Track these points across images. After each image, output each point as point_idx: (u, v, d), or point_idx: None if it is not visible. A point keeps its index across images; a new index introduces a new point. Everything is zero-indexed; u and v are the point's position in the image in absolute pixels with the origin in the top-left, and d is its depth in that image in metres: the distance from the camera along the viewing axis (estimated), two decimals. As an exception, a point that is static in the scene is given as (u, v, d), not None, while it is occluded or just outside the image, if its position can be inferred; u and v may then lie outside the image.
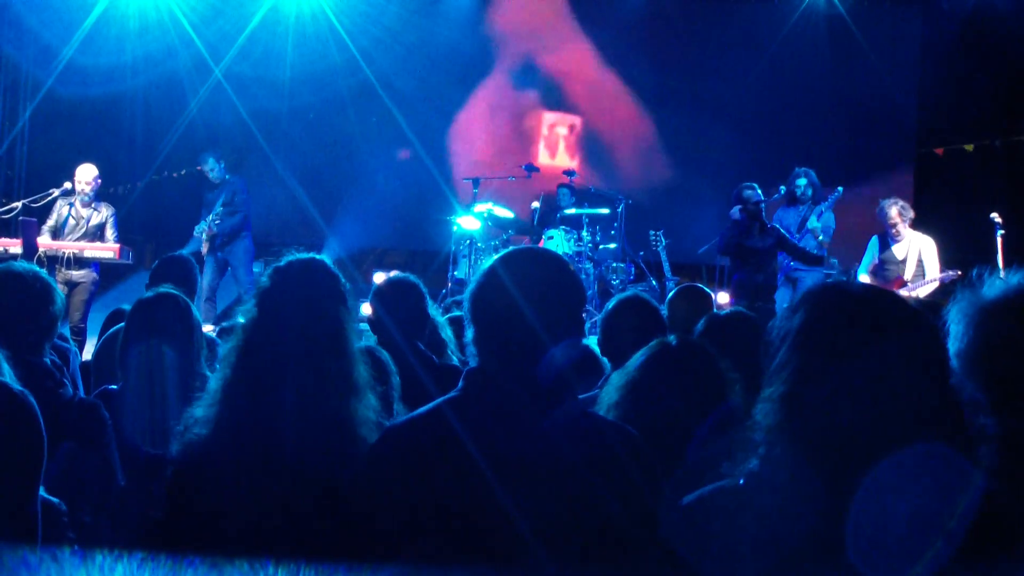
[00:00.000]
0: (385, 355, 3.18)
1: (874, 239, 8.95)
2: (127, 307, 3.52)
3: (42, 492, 2.04)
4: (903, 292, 8.35)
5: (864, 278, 8.83)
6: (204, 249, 9.83)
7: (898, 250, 8.72)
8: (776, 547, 1.63)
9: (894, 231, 8.68)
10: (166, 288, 3.40)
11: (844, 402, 1.62)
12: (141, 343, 3.17)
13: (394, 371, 3.13)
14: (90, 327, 8.33)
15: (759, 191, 8.54)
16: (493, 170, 12.41)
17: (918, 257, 8.62)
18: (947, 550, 1.50)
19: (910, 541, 1.52)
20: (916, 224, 8.85)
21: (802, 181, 9.12)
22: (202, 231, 9.85)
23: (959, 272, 8.42)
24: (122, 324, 3.45)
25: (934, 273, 8.58)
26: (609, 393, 2.81)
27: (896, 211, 8.63)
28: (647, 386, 2.71)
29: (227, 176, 10.05)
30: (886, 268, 8.75)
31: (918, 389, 1.62)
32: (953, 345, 1.84)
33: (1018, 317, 1.81)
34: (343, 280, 2.50)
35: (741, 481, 1.73)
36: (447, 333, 4.38)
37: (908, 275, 8.60)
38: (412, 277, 4.18)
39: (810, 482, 1.61)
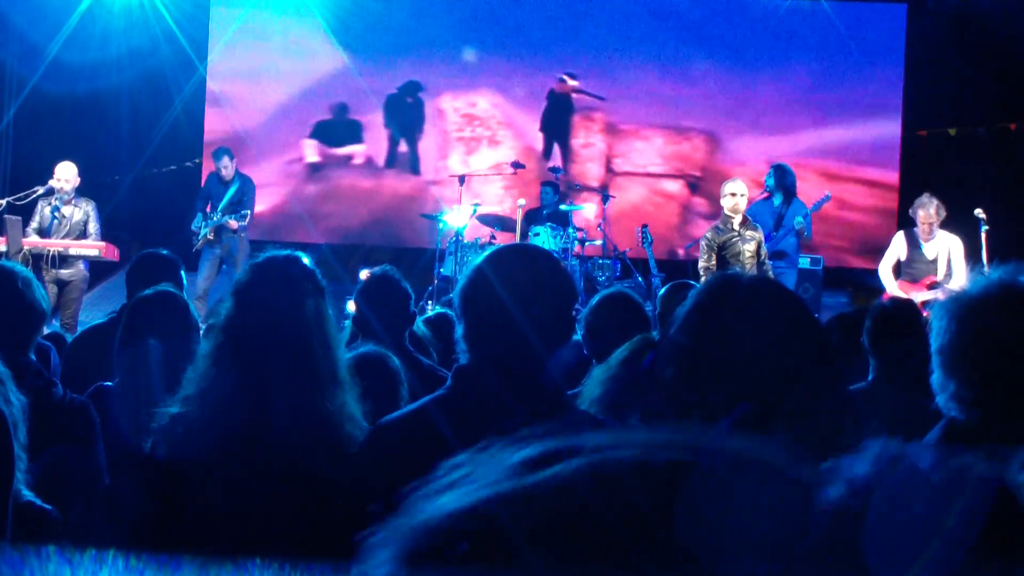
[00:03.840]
0: (396, 362, 3.12)
1: (899, 235, 8.88)
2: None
3: (34, 498, 2.01)
4: (938, 293, 8.24)
5: (886, 274, 8.77)
6: (199, 245, 9.79)
7: (928, 250, 8.64)
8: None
9: (927, 230, 8.60)
10: (165, 286, 3.38)
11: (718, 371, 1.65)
12: (138, 342, 3.16)
13: (404, 381, 3.09)
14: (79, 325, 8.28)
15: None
16: (480, 167, 12.40)
17: (947, 258, 8.58)
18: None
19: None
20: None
21: (769, 177, 9.19)
22: (200, 225, 9.80)
23: None
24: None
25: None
26: (591, 388, 2.82)
27: (934, 210, 8.52)
28: (629, 382, 2.72)
29: (238, 174, 10.10)
30: (914, 266, 8.66)
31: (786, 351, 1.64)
32: (936, 341, 1.84)
33: (1000, 312, 1.82)
34: (320, 277, 2.50)
35: None
36: (421, 329, 4.37)
37: (940, 276, 8.54)
38: (396, 273, 4.14)
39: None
